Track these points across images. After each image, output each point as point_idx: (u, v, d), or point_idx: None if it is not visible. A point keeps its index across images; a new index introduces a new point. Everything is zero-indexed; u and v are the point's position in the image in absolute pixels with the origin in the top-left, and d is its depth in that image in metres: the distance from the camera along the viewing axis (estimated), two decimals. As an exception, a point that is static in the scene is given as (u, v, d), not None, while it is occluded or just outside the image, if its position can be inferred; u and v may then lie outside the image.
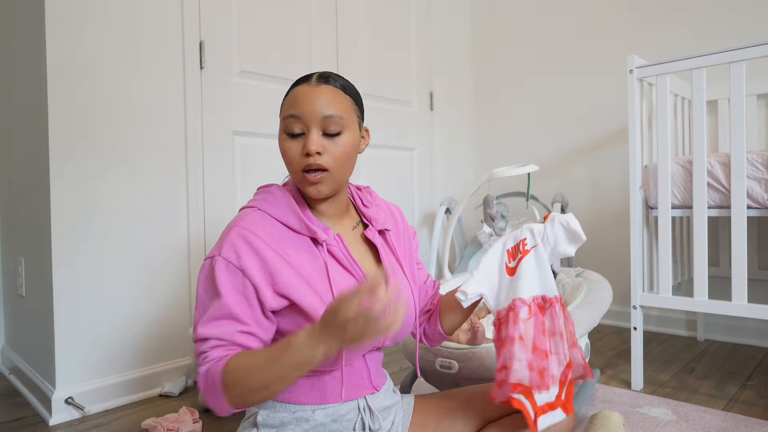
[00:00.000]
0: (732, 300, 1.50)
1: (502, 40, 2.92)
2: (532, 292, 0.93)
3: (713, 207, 1.57)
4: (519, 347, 0.88)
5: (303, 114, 0.87)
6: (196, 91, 1.82)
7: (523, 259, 0.94)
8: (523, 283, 0.93)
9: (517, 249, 0.96)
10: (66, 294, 1.55)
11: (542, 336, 0.90)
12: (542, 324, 0.91)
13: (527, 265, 0.93)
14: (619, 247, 2.48)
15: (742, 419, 1.43)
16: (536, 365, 0.88)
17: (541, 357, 0.89)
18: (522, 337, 0.89)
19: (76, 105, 1.56)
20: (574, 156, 2.65)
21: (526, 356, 0.88)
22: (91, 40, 1.58)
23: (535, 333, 0.90)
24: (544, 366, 0.89)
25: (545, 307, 0.93)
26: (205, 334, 0.82)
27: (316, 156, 0.87)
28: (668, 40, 2.33)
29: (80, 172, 1.57)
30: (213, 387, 0.78)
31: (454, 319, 1.02)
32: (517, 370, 0.87)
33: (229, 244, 0.85)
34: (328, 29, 2.25)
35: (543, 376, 0.88)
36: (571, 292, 1.61)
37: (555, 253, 0.94)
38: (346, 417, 0.93)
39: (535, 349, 0.89)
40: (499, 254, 0.97)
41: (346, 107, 0.91)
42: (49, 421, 1.51)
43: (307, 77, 0.92)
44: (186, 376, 1.79)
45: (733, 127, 1.49)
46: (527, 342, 0.89)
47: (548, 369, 0.89)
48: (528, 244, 0.95)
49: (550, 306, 0.93)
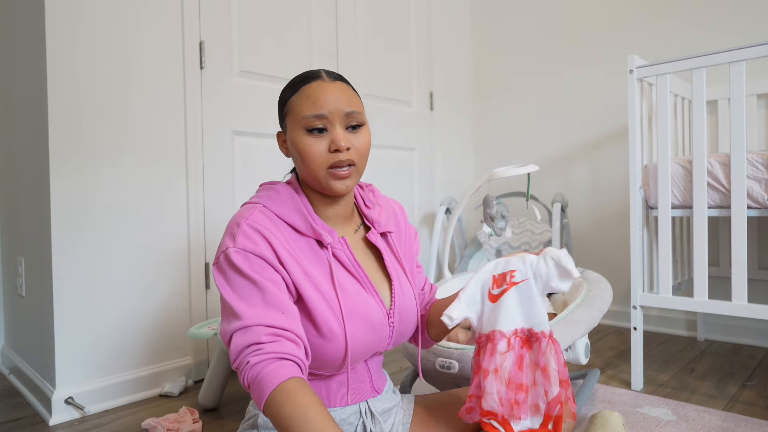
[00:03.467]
0: (732, 300, 1.50)
1: (502, 40, 2.92)
2: (515, 324, 0.89)
3: (713, 207, 1.57)
4: (492, 380, 0.86)
5: (328, 111, 0.86)
6: (196, 91, 1.82)
7: (509, 290, 0.90)
8: (504, 314, 0.89)
9: (504, 278, 0.91)
10: (66, 294, 1.55)
11: (519, 370, 0.88)
12: (520, 358, 0.88)
13: (512, 296, 0.90)
14: (619, 247, 2.48)
15: (742, 419, 1.43)
16: (508, 399, 0.86)
17: (516, 390, 0.87)
18: (497, 369, 0.87)
19: (76, 105, 1.56)
20: (574, 156, 2.65)
21: (500, 389, 0.86)
22: (91, 40, 1.58)
23: (513, 367, 0.88)
24: (519, 399, 0.86)
25: (530, 341, 0.89)
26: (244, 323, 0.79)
27: (346, 152, 0.86)
28: (668, 40, 2.33)
29: (80, 172, 1.57)
30: (259, 390, 0.76)
31: (441, 328, 1.00)
32: (488, 402, 0.86)
33: (243, 235, 0.83)
34: (328, 29, 2.25)
35: (514, 409, 0.86)
36: (571, 292, 1.61)
37: (548, 288, 0.90)
38: (347, 421, 0.93)
39: (510, 383, 0.87)
40: (485, 278, 0.94)
41: (359, 102, 0.91)
42: (49, 421, 1.51)
43: (314, 74, 0.90)
44: (186, 376, 1.79)
45: (733, 127, 1.49)
46: (502, 375, 0.87)
47: (525, 401, 0.87)
48: (517, 276, 0.91)
49: (536, 341, 0.89)
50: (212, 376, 1.59)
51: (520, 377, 0.87)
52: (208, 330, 1.57)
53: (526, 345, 0.89)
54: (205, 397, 1.58)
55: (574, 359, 1.35)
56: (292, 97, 0.90)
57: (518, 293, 0.90)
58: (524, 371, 0.88)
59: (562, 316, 1.34)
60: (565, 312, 1.37)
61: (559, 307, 1.65)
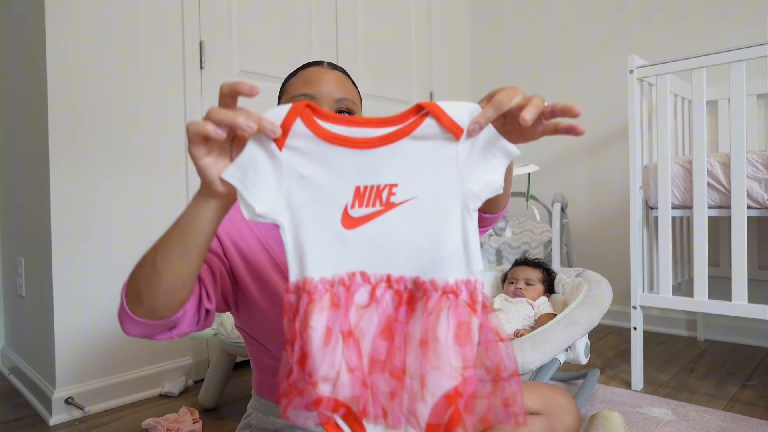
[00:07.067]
0: (732, 300, 1.50)
1: (502, 40, 2.92)
2: (389, 268, 0.57)
3: (713, 207, 1.57)
4: (346, 348, 0.55)
5: (318, 93, 0.84)
6: (196, 91, 1.82)
7: (384, 214, 0.57)
8: (372, 250, 0.57)
9: (376, 193, 0.57)
10: (66, 294, 1.55)
11: (383, 340, 0.56)
12: (392, 321, 0.56)
13: (387, 225, 0.57)
14: (619, 247, 2.48)
15: (742, 419, 1.43)
16: (363, 383, 0.56)
17: (377, 370, 0.56)
18: (351, 332, 0.56)
19: (76, 105, 1.56)
20: (574, 156, 2.65)
21: (353, 365, 0.55)
22: (91, 40, 1.58)
23: (375, 336, 0.56)
24: (394, 390, 0.55)
25: (415, 298, 0.56)
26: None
27: None
28: (668, 40, 2.33)
29: (80, 172, 1.57)
30: (120, 305, 0.69)
31: None
32: (342, 383, 0.55)
33: None
34: (328, 29, 2.25)
35: (370, 403, 0.56)
36: (571, 292, 1.61)
37: (471, 198, 0.56)
38: None
39: (374, 362, 0.56)
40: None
41: (356, 95, 0.90)
42: (49, 421, 1.51)
43: (317, 62, 0.90)
44: (186, 376, 1.79)
45: (733, 127, 1.49)
46: (365, 343, 0.56)
47: (400, 396, 0.55)
48: (400, 192, 0.57)
49: (423, 295, 0.56)
50: (212, 376, 1.59)
51: (394, 353, 0.56)
52: (208, 330, 1.57)
53: (406, 304, 0.57)
54: (205, 397, 1.58)
55: (574, 359, 1.35)
56: (291, 79, 0.90)
57: (403, 218, 0.57)
58: (396, 345, 0.56)
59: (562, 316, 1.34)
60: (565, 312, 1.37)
61: (559, 307, 1.65)
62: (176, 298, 0.67)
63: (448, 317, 0.54)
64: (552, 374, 1.30)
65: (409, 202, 0.57)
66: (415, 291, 0.56)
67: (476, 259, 0.56)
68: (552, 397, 1.03)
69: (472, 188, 0.57)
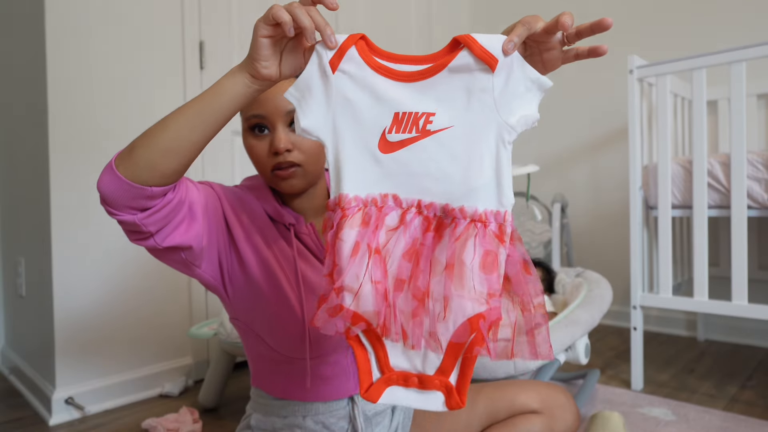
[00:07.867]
0: (732, 300, 1.50)
1: (502, 40, 2.92)
2: (421, 194, 0.59)
3: (713, 207, 1.57)
4: (365, 261, 0.56)
5: (266, 113, 0.82)
6: (196, 92, 1.81)
7: (419, 141, 0.59)
8: (406, 175, 0.60)
9: (414, 120, 0.59)
10: (66, 294, 1.55)
11: (409, 262, 0.57)
12: (416, 246, 0.58)
13: (421, 151, 0.59)
14: (619, 247, 2.48)
15: (742, 419, 1.43)
16: (386, 303, 0.57)
17: (409, 295, 0.57)
18: (379, 250, 0.57)
19: (76, 105, 1.56)
20: (574, 156, 2.65)
21: (378, 282, 0.56)
22: (90, 40, 1.58)
23: (401, 258, 0.57)
24: (415, 310, 0.56)
25: (444, 224, 0.58)
26: None
27: (286, 154, 0.83)
28: (668, 40, 2.33)
29: (80, 172, 1.57)
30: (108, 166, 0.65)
31: None
32: (364, 296, 0.56)
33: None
34: (328, 29, 2.25)
35: (392, 324, 0.56)
36: (571, 292, 1.62)
37: (506, 128, 0.59)
38: (337, 425, 0.90)
39: (398, 282, 0.57)
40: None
41: None
42: (49, 421, 1.51)
43: None
44: (186, 376, 1.79)
45: (733, 127, 1.49)
46: (391, 262, 0.57)
47: (420, 317, 0.56)
48: (437, 121, 0.59)
49: (451, 222, 0.57)
50: (212, 376, 1.59)
51: (419, 275, 0.57)
52: (208, 330, 1.57)
53: (434, 231, 0.58)
54: (205, 397, 1.58)
55: (574, 359, 1.35)
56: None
57: (438, 146, 0.59)
58: (421, 268, 0.57)
59: (562, 316, 1.34)
60: (565, 312, 1.37)
61: (559, 307, 1.65)
62: (166, 164, 0.64)
63: (475, 244, 0.55)
64: (552, 374, 1.30)
65: (446, 130, 0.59)
66: (444, 218, 0.58)
67: (508, 192, 0.58)
68: (552, 396, 1.03)
69: (508, 120, 0.59)
